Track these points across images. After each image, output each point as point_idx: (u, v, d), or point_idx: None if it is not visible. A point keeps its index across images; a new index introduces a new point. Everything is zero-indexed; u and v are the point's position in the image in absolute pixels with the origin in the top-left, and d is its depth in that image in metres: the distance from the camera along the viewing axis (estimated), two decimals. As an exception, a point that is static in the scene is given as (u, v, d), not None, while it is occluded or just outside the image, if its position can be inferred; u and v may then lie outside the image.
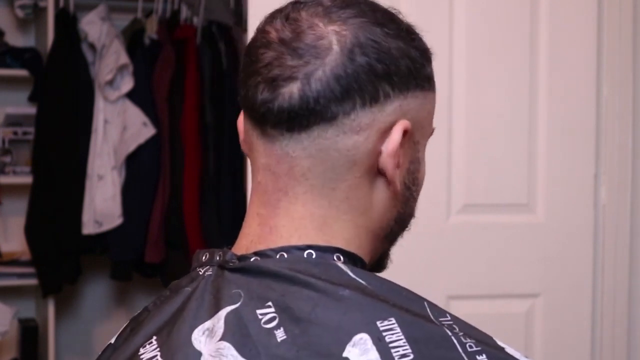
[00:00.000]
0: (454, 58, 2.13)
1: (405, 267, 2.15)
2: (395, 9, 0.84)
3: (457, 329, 0.74)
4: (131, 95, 3.25)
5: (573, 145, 2.20)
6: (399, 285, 0.78)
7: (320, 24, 0.78)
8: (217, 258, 0.80)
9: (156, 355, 0.76)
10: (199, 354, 0.74)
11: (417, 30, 0.84)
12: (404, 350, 0.70)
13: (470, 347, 0.72)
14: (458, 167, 2.14)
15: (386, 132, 0.79)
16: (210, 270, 0.80)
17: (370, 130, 0.78)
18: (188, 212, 3.27)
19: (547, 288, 2.20)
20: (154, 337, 0.78)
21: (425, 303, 0.77)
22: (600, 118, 2.22)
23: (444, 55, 2.11)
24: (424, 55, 0.82)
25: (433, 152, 2.14)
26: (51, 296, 3.30)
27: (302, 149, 0.78)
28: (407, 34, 0.81)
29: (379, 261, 0.88)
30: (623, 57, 2.22)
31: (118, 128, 3.23)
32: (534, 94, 2.17)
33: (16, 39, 3.55)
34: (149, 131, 3.24)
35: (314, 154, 0.78)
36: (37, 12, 3.46)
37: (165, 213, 3.29)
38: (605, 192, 2.22)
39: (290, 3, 0.82)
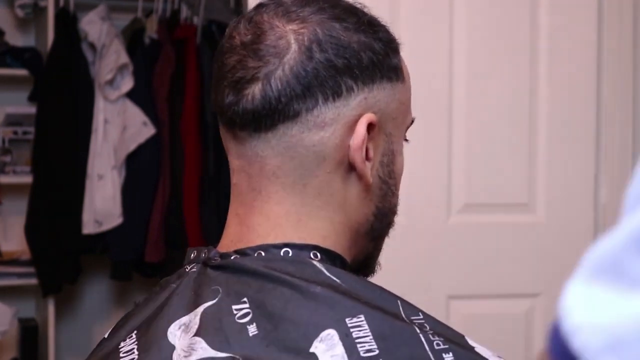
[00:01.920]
0: (454, 58, 2.13)
1: (405, 267, 2.15)
2: (359, 3, 0.84)
3: (428, 328, 0.75)
4: (131, 95, 3.25)
5: (573, 145, 2.20)
6: (374, 284, 0.79)
7: (280, 24, 0.79)
8: (202, 255, 0.83)
9: (133, 348, 0.78)
10: (173, 347, 0.76)
11: (382, 22, 0.84)
12: (369, 345, 0.71)
13: (438, 344, 0.73)
14: (458, 167, 2.14)
15: (353, 126, 0.80)
16: (195, 267, 0.82)
17: (336, 124, 0.79)
18: (188, 211, 3.27)
19: (547, 288, 2.20)
20: (135, 332, 0.80)
21: (399, 302, 0.78)
22: (600, 118, 2.22)
23: (444, 55, 2.11)
24: (389, 46, 0.83)
25: (433, 152, 2.16)
26: (51, 296, 3.30)
27: (270, 148, 0.80)
28: (368, 27, 0.81)
29: (366, 262, 0.89)
30: (623, 57, 2.22)
31: (118, 128, 3.23)
32: (534, 94, 2.17)
33: (16, 39, 3.55)
34: (149, 131, 3.24)
35: (282, 152, 0.79)
36: (37, 11, 3.45)
37: (165, 213, 3.29)
38: (605, 192, 2.22)
39: (254, 7, 0.83)
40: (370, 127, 0.80)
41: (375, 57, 0.80)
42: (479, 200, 2.16)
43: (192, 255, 0.84)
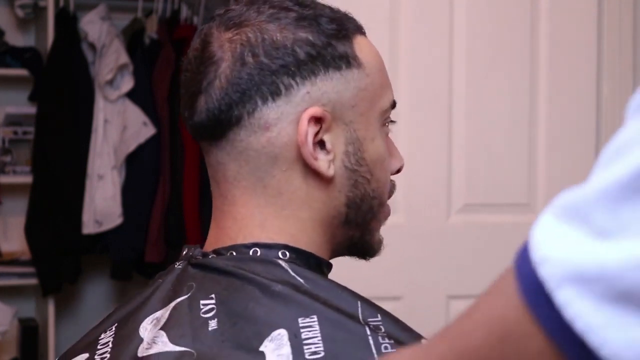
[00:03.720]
0: (454, 58, 2.13)
1: (405, 267, 2.15)
2: None
3: (383, 330, 0.76)
4: (131, 95, 3.25)
5: (573, 145, 2.20)
6: (338, 285, 0.80)
7: (219, 34, 0.82)
8: (190, 254, 0.86)
9: (109, 341, 0.82)
10: (141, 340, 0.79)
11: (332, 12, 0.83)
12: (316, 347, 0.73)
13: (386, 348, 0.74)
14: (458, 167, 2.14)
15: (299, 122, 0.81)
16: (181, 264, 0.85)
17: (281, 123, 0.80)
18: (188, 211, 3.27)
19: (547, 288, 2.20)
20: (115, 325, 0.85)
21: (359, 302, 0.78)
22: (600, 118, 2.22)
23: (444, 55, 2.11)
24: (334, 35, 0.82)
25: (433, 152, 2.15)
26: (51, 296, 3.30)
27: (226, 154, 0.83)
28: (309, 20, 0.81)
29: (358, 248, 0.89)
30: (623, 57, 2.22)
31: (118, 128, 3.23)
32: (534, 94, 2.17)
33: (16, 39, 3.55)
34: (149, 131, 3.24)
35: (237, 157, 0.82)
36: (37, 11, 3.46)
37: (165, 213, 3.29)
38: (605, 192, 2.22)
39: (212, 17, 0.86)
40: (318, 120, 0.80)
41: (314, 50, 0.81)
42: (479, 200, 2.16)
43: (184, 252, 0.87)
